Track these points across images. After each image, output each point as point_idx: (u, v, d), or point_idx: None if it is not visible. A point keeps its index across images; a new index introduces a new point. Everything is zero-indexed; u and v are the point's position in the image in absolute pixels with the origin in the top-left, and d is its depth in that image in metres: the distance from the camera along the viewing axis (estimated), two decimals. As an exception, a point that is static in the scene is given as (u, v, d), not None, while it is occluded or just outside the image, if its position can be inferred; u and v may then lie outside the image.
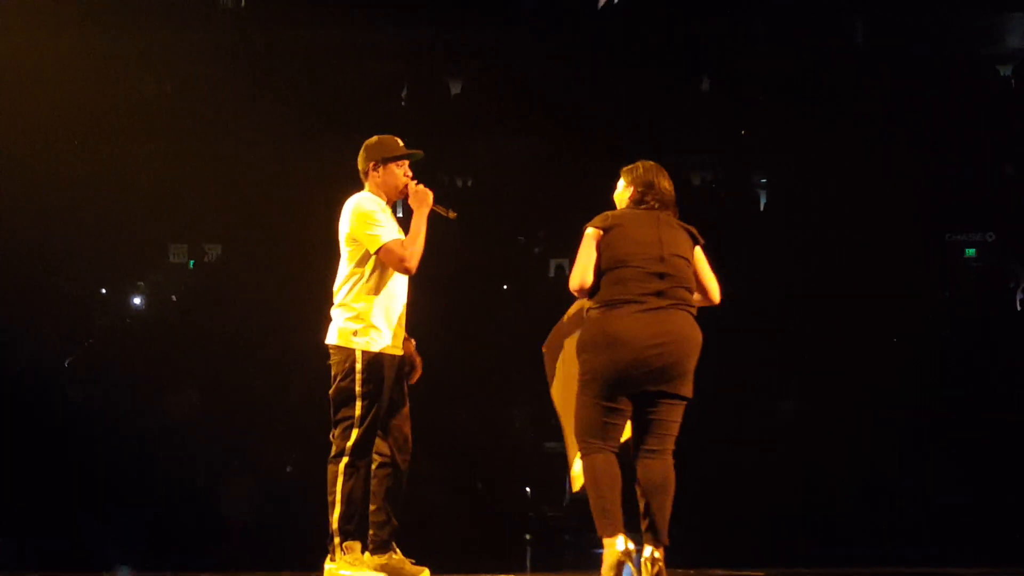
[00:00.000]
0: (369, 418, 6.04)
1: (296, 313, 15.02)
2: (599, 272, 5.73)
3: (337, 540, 6.03)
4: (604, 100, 17.93)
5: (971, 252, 17.59)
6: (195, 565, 8.86)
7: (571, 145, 17.21)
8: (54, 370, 13.65)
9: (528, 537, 12.75)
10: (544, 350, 6.11)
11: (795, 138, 18.15)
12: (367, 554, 6.30)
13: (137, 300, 16.93)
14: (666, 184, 6.07)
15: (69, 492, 11.80)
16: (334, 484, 6.07)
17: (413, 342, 6.31)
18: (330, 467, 6.11)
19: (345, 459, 6.06)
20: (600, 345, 5.64)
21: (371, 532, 6.35)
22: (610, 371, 5.63)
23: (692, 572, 7.00)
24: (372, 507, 6.31)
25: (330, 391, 6.17)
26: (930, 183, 17.67)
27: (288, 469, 12.77)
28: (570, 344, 5.90)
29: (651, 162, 6.16)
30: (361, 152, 6.46)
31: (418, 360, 6.33)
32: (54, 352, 13.84)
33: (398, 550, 6.32)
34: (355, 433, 6.05)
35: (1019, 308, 15.54)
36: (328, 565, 6.08)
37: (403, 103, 18.85)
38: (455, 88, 19.34)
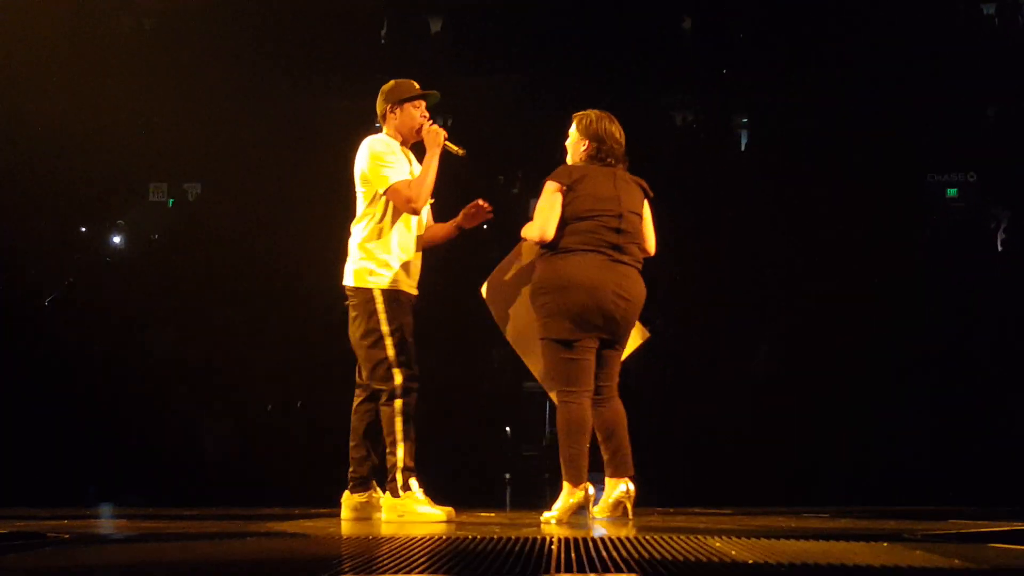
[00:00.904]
0: (404, 355, 6.05)
1: (276, 252, 15.03)
2: (561, 225, 5.81)
3: (401, 478, 6.03)
4: (586, 40, 17.87)
5: (952, 192, 17.64)
6: (176, 501, 8.89)
7: (551, 85, 17.16)
8: (34, 308, 13.60)
9: (508, 476, 12.82)
10: (485, 296, 6.16)
11: (776, 79, 18.12)
12: (346, 492, 6.32)
13: (117, 239, 16.88)
14: (618, 136, 6.12)
15: (49, 429, 11.79)
16: (392, 424, 6.06)
17: None
18: (384, 409, 6.09)
19: (399, 400, 6.05)
20: (563, 287, 5.80)
21: (350, 469, 6.36)
22: (574, 309, 5.79)
23: (671, 510, 7.05)
24: (352, 443, 6.32)
25: (354, 333, 6.13)
26: (911, 124, 17.69)
27: (268, 407, 12.77)
28: (523, 289, 5.95)
29: (602, 112, 6.18)
30: (379, 96, 6.44)
31: None
32: (33, 290, 13.78)
33: (378, 488, 6.34)
34: (397, 373, 6.04)
35: (1000, 249, 15.57)
36: (391, 502, 6.05)
37: (383, 40, 18.76)
38: (435, 26, 19.26)
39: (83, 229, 16.16)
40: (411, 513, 5.97)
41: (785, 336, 13.48)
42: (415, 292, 6.23)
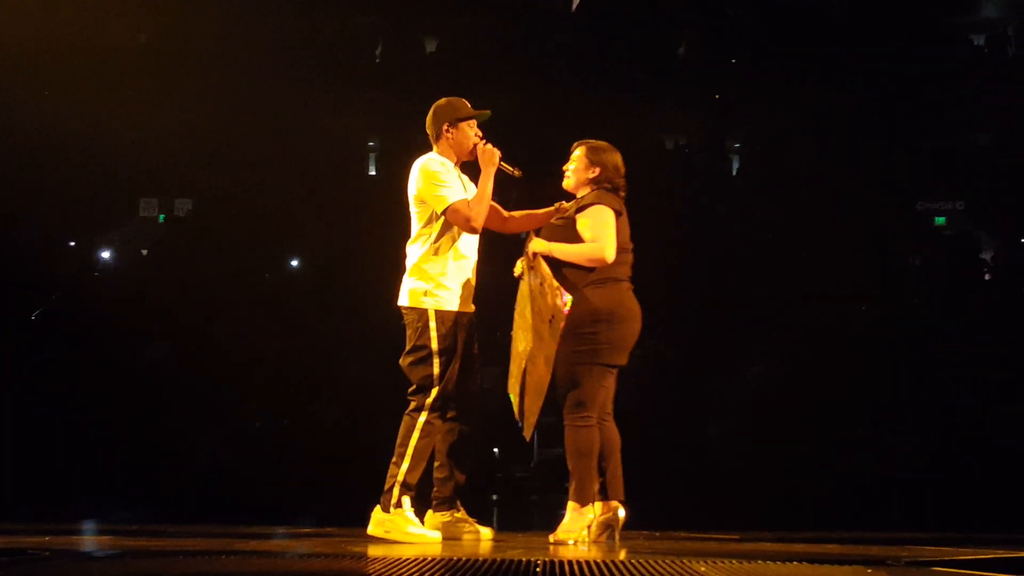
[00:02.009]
0: (447, 376, 6.02)
1: (266, 268, 15.05)
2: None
3: (397, 492, 6.00)
4: (580, 62, 17.92)
5: (941, 220, 17.70)
6: (164, 517, 8.87)
7: (545, 107, 17.21)
8: (22, 321, 13.57)
9: (495, 497, 12.80)
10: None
11: (769, 105, 18.18)
12: (430, 511, 6.28)
13: (106, 254, 16.86)
14: (622, 167, 6.21)
15: (37, 443, 11.76)
16: (408, 437, 6.03)
17: None
18: (407, 419, 6.06)
19: (424, 415, 6.02)
20: (624, 317, 5.92)
21: (434, 489, 6.34)
22: (627, 340, 5.96)
23: (657, 534, 7.05)
24: (436, 463, 6.28)
25: (407, 349, 6.11)
26: (902, 152, 17.75)
27: (257, 424, 12.75)
28: (536, 308, 5.91)
29: (604, 142, 6.26)
30: (431, 115, 6.34)
31: None
32: (21, 303, 13.75)
33: (462, 508, 6.31)
34: (435, 391, 6.02)
35: (987, 277, 15.62)
36: (380, 515, 6.02)
37: (378, 59, 18.79)
38: (430, 46, 19.30)
39: (72, 243, 16.14)
40: (398, 531, 5.95)
41: (777, 359, 13.49)
42: (471, 311, 6.21)
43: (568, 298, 5.70)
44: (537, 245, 5.87)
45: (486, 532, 6.30)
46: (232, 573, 4.17)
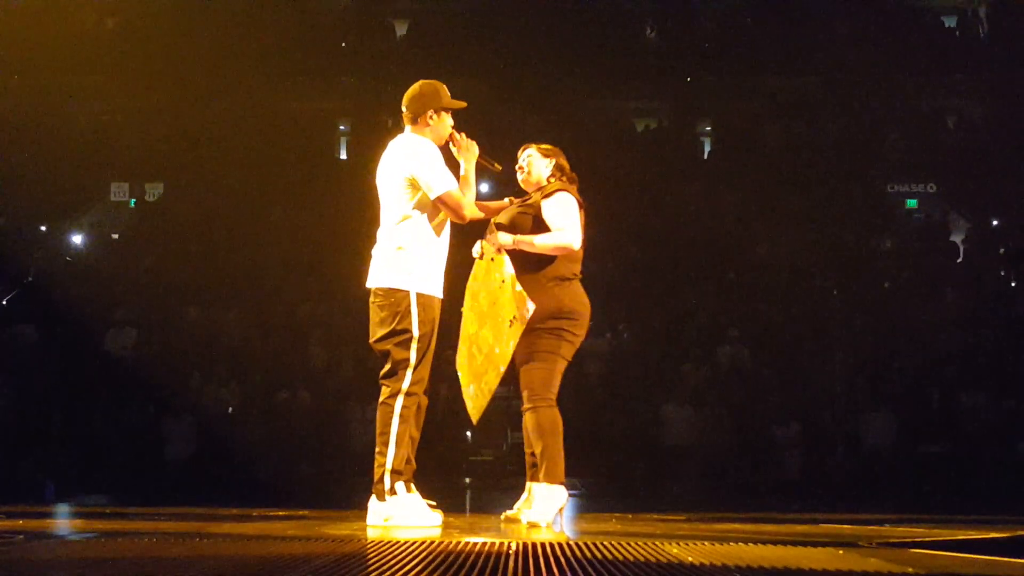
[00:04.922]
0: (423, 360, 5.95)
1: (237, 252, 15.01)
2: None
3: (389, 481, 5.91)
4: (550, 46, 17.93)
5: (912, 203, 17.79)
6: (133, 500, 8.85)
7: (515, 90, 17.21)
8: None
9: (468, 480, 12.81)
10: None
11: (739, 87, 18.23)
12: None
13: (77, 238, 16.81)
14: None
15: (5, 429, 11.73)
16: (387, 426, 5.92)
17: None
18: (383, 408, 5.95)
19: (401, 400, 5.93)
20: (583, 315, 5.93)
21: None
22: (585, 336, 5.99)
23: (629, 516, 7.06)
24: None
25: (379, 332, 5.99)
26: (872, 134, 17.83)
27: (229, 410, 12.73)
28: (494, 298, 5.88)
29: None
30: (415, 96, 6.18)
31: None
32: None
33: (415, 490, 6.24)
34: (409, 376, 5.94)
35: (959, 259, 15.71)
36: (378, 505, 5.94)
37: (346, 44, 18.76)
38: (400, 29, 19.28)
39: (43, 228, 16.08)
40: (398, 518, 5.90)
41: (746, 340, 13.53)
42: (441, 297, 6.15)
43: (532, 306, 5.70)
44: (503, 239, 5.83)
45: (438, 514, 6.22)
46: (206, 556, 4.16)
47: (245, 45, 16.24)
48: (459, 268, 6.08)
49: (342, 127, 19.06)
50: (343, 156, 18.75)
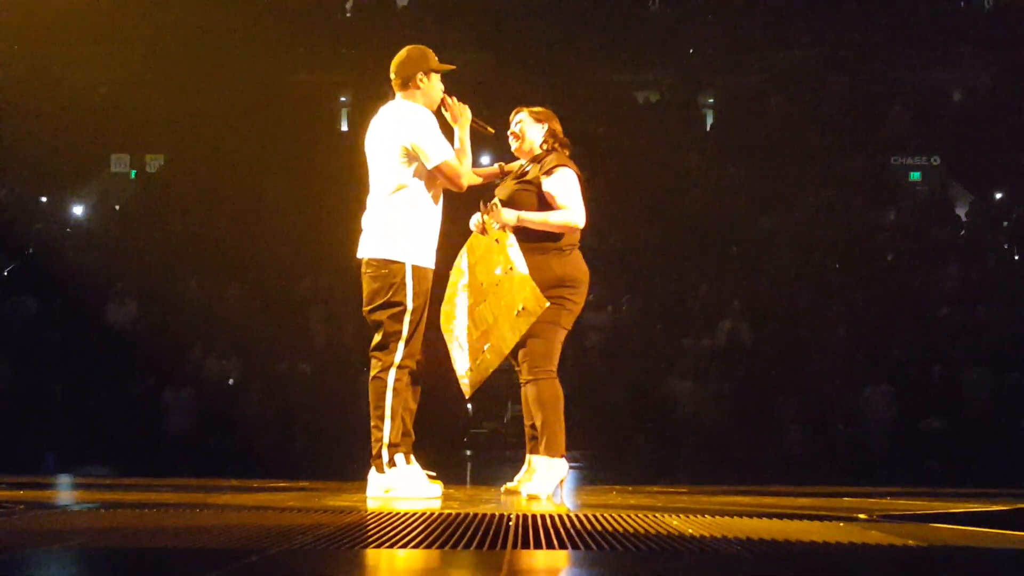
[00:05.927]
0: (414, 333, 5.89)
1: (238, 224, 14.99)
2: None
3: (388, 454, 5.87)
4: (552, 18, 17.88)
5: (916, 176, 17.76)
6: (133, 471, 8.86)
7: (517, 62, 17.17)
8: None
9: (468, 452, 12.82)
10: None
11: (742, 60, 18.17)
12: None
13: (78, 210, 16.79)
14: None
15: (7, 401, 11.74)
16: (381, 399, 5.86)
17: None
18: (376, 383, 5.88)
19: (394, 373, 5.88)
20: (584, 283, 5.90)
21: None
22: (583, 305, 5.96)
23: (629, 489, 7.06)
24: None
25: (372, 303, 5.92)
26: (876, 107, 17.78)
27: (230, 382, 12.73)
28: (495, 279, 5.83)
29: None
30: (403, 61, 6.06)
31: None
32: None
33: (415, 462, 6.19)
34: (400, 349, 5.87)
35: (963, 233, 15.67)
36: (377, 478, 5.90)
37: (348, 14, 18.72)
38: (402, 1, 19.22)
39: (43, 199, 16.06)
40: (399, 489, 5.87)
41: (748, 313, 13.51)
42: (434, 267, 6.07)
43: (547, 305, 5.66)
44: (507, 216, 5.76)
45: (437, 485, 6.18)
46: (207, 527, 4.16)
47: (247, 16, 16.18)
48: (451, 239, 6.03)
49: (343, 99, 19.03)
50: (344, 128, 18.72)
